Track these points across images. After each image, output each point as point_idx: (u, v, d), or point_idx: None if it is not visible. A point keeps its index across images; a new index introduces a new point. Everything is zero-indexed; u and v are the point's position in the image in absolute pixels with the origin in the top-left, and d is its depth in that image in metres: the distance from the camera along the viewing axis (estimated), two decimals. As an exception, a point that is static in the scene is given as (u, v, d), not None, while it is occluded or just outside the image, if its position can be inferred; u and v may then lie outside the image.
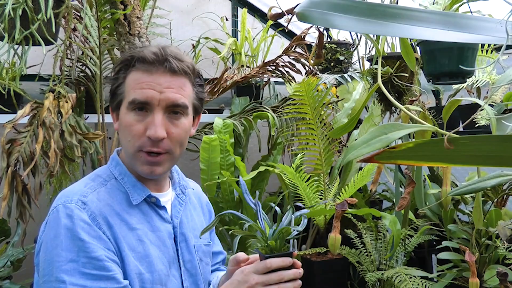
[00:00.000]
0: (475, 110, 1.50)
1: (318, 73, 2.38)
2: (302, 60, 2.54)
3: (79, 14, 2.19)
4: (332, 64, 2.32)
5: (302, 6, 0.52)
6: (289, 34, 3.11)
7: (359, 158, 0.53)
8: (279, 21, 2.17)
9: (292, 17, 0.84)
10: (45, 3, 1.48)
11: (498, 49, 1.70)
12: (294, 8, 0.58)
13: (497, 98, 1.75)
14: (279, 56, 2.53)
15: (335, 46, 2.32)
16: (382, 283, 1.73)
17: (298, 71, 2.56)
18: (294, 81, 2.53)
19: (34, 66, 2.09)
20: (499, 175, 0.68)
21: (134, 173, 1.01)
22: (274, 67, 2.55)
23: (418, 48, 1.42)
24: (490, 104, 1.61)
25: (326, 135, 2.02)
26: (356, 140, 0.98)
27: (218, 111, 2.69)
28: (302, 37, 2.47)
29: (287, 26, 2.73)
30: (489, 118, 0.89)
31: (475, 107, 1.85)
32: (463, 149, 0.45)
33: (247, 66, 2.78)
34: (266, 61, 2.61)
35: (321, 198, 1.98)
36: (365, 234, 1.91)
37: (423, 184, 1.76)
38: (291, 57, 2.53)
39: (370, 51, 1.80)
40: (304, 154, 2.05)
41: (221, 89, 2.51)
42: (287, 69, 2.55)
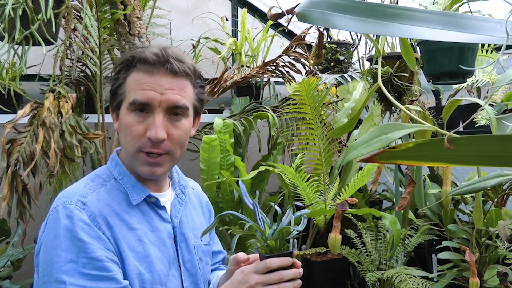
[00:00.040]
0: (475, 110, 1.50)
1: (318, 73, 2.38)
2: (302, 60, 2.53)
3: (79, 14, 2.19)
4: (332, 64, 2.32)
5: (302, 6, 0.52)
6: (289, 34, 3.11)
7: (359, 158, 0.53)
8: (279, 21, 2.17)
9: (292, 17, 0.84)
10: (45, 3, 1.48)
11: (498, 49, 1.70)
12: (294, 8, 0.58)
13: (497, 98, 1.75)
14: (279, 56, 2.53)
15: (335, 46, 2.32)
16: (382, 283, 1.73)
17: (298, 71, 2.56)
18: (294, 81, 2.52)
19: (34, 66, 2.08)
20: (499, 175, 0.68)
21: (134, 173, 1.01)
22: (274, 67, 2.55)
23: (418, 48, 1.42)
24: (490, 104, 1.61)
25: (326, 135, 2.02)
26: (356, 140, 0.98)
27: (218, 111, 2.69)
28: (302, 37, 2.47)
29: (287, 26, 2.73)
30: (489, 118, 0.89)
31: (475, 107, 1.85)
32: (463, 149, 0.45)
33: (247, 66, 2.78)
34: (266, 61, 2.60)
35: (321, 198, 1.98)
36: (365, 234, 1.91)
37: (423, 184, 1.76)
38: (291, 57, 2.53)
39: (370, 51, 1.80)
40: (304, 154, 2.05)
41: (221, 89, 2.51)
42: (287, 69, 2.55)
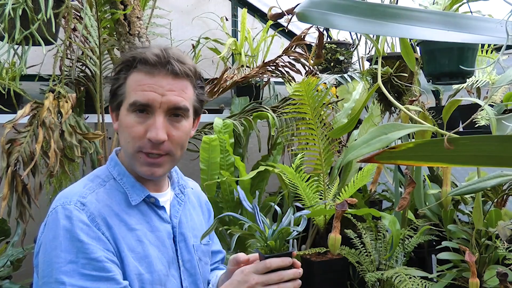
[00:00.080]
0: (475, 110, 1.50)
1: (318, 73, 2.38)
2: (302, 60, 2.53)
3: (79, 14, 2.19)
4: (332, 64, 2.32)
5: (302, 6, 0.52)
6: (289, 34, 3.11)
7: (359, 158, 0.53)
8: (279, 21, 2.18)
9: (292, 17, 0.84)
10: (45, 3, 1.48)
11: (498, 49, 1.70)
12: (294, 8, 0.58)
13: (497, 98, 1.75)
14: (279, 56, 2.53)
15: (335, 46, 2.32)
16: (381, 283, 1.73)
17: (298, 71, 2.56)
18: (294, 81, 2.52)
19: (34, 66, 2.08)
20: (499, 175, 0.68)
21: (133, 173, 1.01)
22: (274, 67, 2.55)
23: (418, 48, 1.42)
24: (490, 104, 1.61)
25: (326, 135, 2.02)
26: (356, 140, 0.98)
27: (218, 111, 2.69)
28: (302, 37, 2.47)
29: (287, 26, 2.73)
30: (489, 118, 0.89)
31: (475, 107, 1.85)
32: (463, 149, 0.45)
33: (247, 66, 2.78)
34: (266, 61, 2.60)
35: (321, 198, 1.98)
36: (364, 234, 1.91)
37: (423, 184, 1.76)
38: (291, 57, 2.53)
39: (370, 51, 1.80)
40: (304, 154, 2.05)
41: (221, 89, 2.51)
42: (287, 69, 2.55)
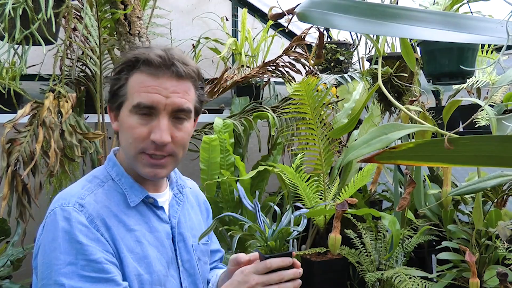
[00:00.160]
0: (475, 111, 1.50)
1: (318, 73, 2.38)
2: (302, 60, 2.53)
3: (79, 14, 2.19)
4: (332, 64, 2.32)
5: (303, 6, 0.52)
6: (289, 34, 3.11)
7: (359, 158, 0.53)
8: (279, 21, 2.17)
9: (292, 17, 0.84)
10: (45, 3, 1.48)
11: (498, 49, 1.70)
12: (295, 8, 0.58)
13: (497, 98, 1.75)
14: (279, 56, 2.53)
15: (335, 46, 2.32)
16: (381, 283, 1.73)
17: (298, 71, 2.56)
18: (294, 81, 2.52)
19: (34, 65, 2.08)
20: (499, 176, 0.68)
21: (132, 174, 1.00)
22: (274, 67, 2.55)
23: (418, 48, 1.42)
24: (490, 104, 1.61)
25: (326, 135, 2.02)
26: (356, 140, 0.98)
27: (218, 111, 2.69)
28: (302, 37, 2.47)
29: (287, 26, 2.72)
30: (489, 118, 0.89)
31: (475, 108, 1.85)
32: (463, 149, 0.45)
33: (247, 66, 2.78)
34: (266, 61, 2.60)
35: (321, 198, 1.98)
36: (364, 234, 1.91)
37: (423, 184, 1.76)
38: (291, 57, 2.53)
39: (370, 51, 1.80)
40: (304, 154, 2.05)
41: (221, 89, 2.51)
42: (287, 69, 2.55)
